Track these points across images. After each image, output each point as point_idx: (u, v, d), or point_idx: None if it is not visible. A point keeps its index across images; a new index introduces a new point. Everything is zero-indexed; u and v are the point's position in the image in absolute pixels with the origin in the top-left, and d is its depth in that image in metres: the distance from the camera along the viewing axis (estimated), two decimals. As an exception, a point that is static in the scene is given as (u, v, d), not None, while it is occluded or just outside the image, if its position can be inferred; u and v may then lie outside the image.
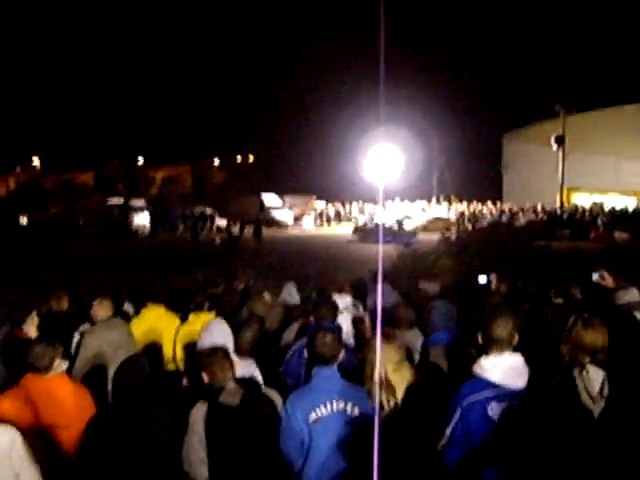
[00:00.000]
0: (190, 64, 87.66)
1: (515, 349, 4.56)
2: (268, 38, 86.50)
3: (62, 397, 5.00)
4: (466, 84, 73.63)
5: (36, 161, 79.33)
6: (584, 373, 4.64)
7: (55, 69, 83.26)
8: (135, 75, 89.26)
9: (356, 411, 4.77)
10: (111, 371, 5.31)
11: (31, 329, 6.89)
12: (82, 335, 7.18)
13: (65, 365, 5.19)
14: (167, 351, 7.75)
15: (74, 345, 7.24)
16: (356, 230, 43.16)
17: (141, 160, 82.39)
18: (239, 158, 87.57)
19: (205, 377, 5.02)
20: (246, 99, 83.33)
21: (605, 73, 68.77)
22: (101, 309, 7.33)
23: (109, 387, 5.45)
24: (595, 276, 8.52)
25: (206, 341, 5.95)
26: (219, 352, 5.08)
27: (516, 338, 4.59)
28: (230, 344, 5.86)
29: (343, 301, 8.02)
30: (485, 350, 4.57)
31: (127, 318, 8.33)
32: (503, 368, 4.41)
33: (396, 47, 49.93)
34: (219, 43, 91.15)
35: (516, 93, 71.23)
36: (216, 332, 6.07)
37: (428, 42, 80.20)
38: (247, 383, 4.97)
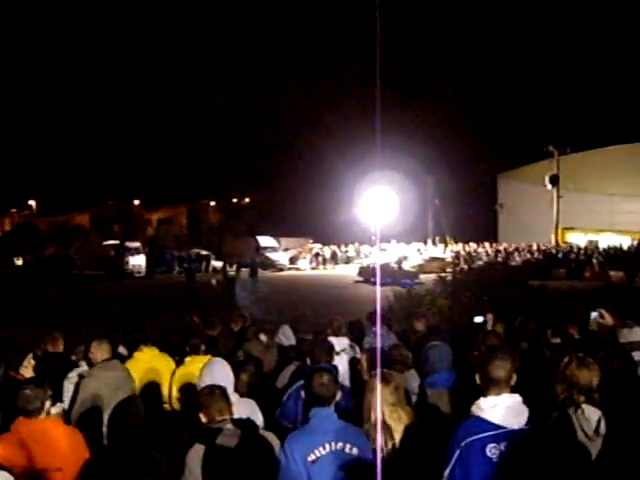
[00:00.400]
0: (187, 106, 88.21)
1: (513, 389, 4.55)
2: (266, 81, 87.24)
3: (55, 440, 4.94)
4: (460, 126, 74.15)
5: (32, 203, 79.54)
6: (579, 412, 4.65)
7: (51, 111, 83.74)
8: (131, 117, 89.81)
9: (354, 452, 4.74)
10: (109, 413, 5.28)
11: (27, 371, 6.85)
12: (81, 377, 7.14)
13: (60, 407, 5.15)
14: (164, 392, 7.70)
15: (71, 387, 7.20)
16: (361, 271, 43.08)
17: (137, 201, 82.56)
18: (235, 200, 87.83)
19: (203, 417, 4.97)
20: (243, 141, 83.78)
21: (598, 114, 69.36)
22: (99, 351, 7.28)
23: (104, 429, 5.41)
24: (594, 315, 8.52)
25: (207, 380, 5.91)
26: (217, 392, 5.04)
27: (514, 378, 4.58)
28: (230, 385, 5.83)
29: (340, 343, 8.00)
30: (483, 391, 4.56)
31: (122, 360, 8.29)
32: (501, 408, 4.40)
33: (391, 91, 50.34)
34: (217, 86, 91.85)
35: (511, 134, 71.72)
36: (217, 372, 6.02)
37: (423, 85, 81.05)
38: (245, 425, 4.92)
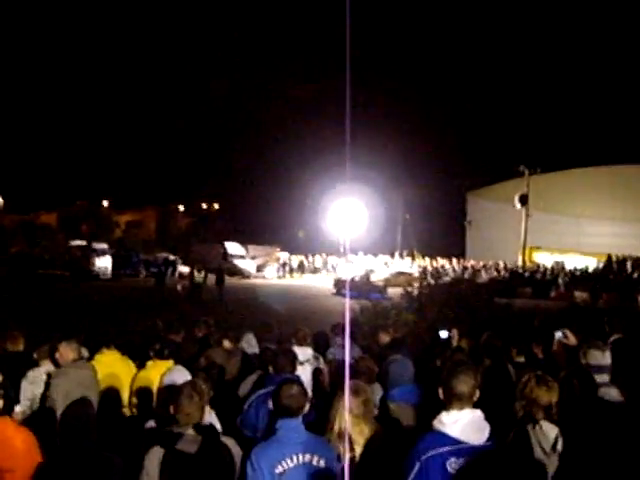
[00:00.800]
0: (159, 110, 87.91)
1: (475, 405, 4.55)
2: (237, 91, 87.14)
3: (8, 440, 4.86)
4: (432, 142, 74.60)
5: (-2, 200, 78.72)
6: (537, 428, 4.68)
7: (21, 109, 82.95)
8: (103, 118, 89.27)
9: (322, 464, 4.72)
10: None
11: None
12: (49, 376, 7.05)
13: (24, 406, 5.07)
14: (123, 396, 7.61)
15: (29, 387, 7.12)
16: (337, 283, 43.15)
17: (106, 202, 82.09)
18: (204, 205, 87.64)
19: (172, 409, 4.89)
20: (214, 148, 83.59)
21: (570, 136, 70.16)
22: (69, 351, 7.21)
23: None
24: (558, 334, 8.55)
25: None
26: (195, 398, 4.93)
27: (477, 394, 4.58)
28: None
29: (304, 353, 7.98)
30: (445, 405, 4.55)
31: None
32: (463, 423, 4.40)
33: (362, 105, 50.52)
34: (187, 90, 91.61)
35: (482, 152, 72.30)
36: (178, 381, 5.98)
37: (394, 101, 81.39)
38: (205, 430, 4.87)
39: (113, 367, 7.83)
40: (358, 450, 4.99)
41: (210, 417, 5.73)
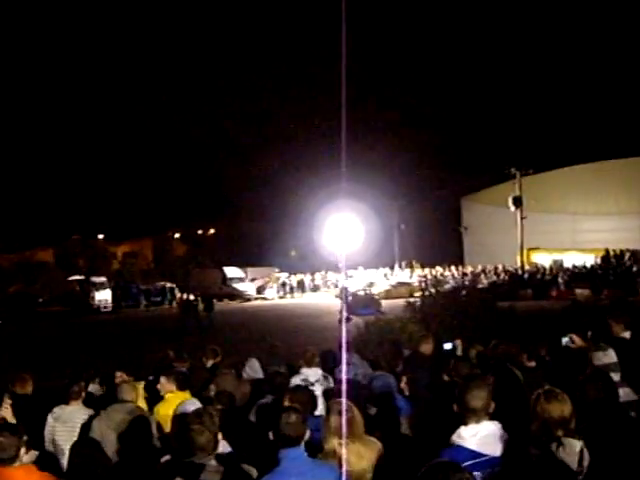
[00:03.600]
0: (149, 138, 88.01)
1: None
2: (229, 111, 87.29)
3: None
4: (422, 151, 74.74)
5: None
6: (562, 449, 4.52)
7: (8, 146, 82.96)
8: (92, 151, 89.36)
9: None
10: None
11: (7, 412, 6.75)
12: (91, 418, 7.05)
13: (33, 455, 5.05)
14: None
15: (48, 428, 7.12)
16: (339, 296, 43.01)
17: (101, 236, 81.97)
18: (200, 231, 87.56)
19: (188, 440, 4.80)
20: (205, 172, 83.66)
21: (558, 134, 70.36)
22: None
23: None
24: (565, 340, 8.55)
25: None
26: (201, 417, 4.89)
27: (492, 406, 4.57)
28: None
29: (313, 374, 8.00)
30: (462, 420, 4.54)
31: (92, 399, 8.19)
32: (482, 436, 4.39)
33: (354, 118, 50.66)
34: (180, 119, 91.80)
35: (472, 157, 72.41)
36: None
37: (385, 112, 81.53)
38: (226, 460, 4.84)
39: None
40: (357, 469, 4.95)
41: (222, 445, 5.72)
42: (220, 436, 5.14)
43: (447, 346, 10.27)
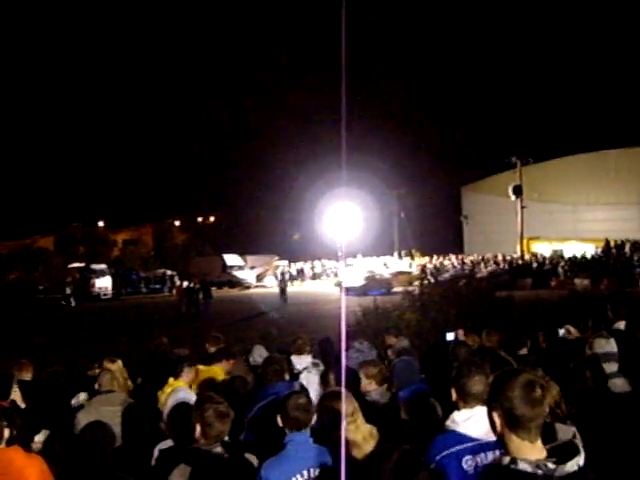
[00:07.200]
0: (149, 126, 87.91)
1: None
2: (229, 100, 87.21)
3: (19, 469, 4.82)
4: (423, 140, 74.75)
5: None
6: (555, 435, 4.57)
7: (10, 135, 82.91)
8: (92, 138, 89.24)
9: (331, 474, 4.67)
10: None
11: (17, 397, 6.82)
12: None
13: (44, 435, 5.07)
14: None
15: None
16: (338, 285, 43.34)
17: (101, 223, 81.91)
18: (200, 219, 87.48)
19: (198, 433, 4.73)
20: (206, 160, 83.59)
21: (559, 124, 70.34)
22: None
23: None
24: (562, 331, 8.61)
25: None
26: (226, 417, 4.79)
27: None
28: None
29: (301, 361, 8.07)
30: (457, 405, 4.59)
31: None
32: (476, 420, 4.42)
33: (354, 106, 50.64)
34: (181, 107, 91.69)
35: (473, 146, 72.44)
36: (188, 399, 6.05)
37: (385, 102, 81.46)
38: (232, 448, 4.82)
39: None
40: (360, 456, 4.95)
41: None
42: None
43: (450, 336, 10.28)
